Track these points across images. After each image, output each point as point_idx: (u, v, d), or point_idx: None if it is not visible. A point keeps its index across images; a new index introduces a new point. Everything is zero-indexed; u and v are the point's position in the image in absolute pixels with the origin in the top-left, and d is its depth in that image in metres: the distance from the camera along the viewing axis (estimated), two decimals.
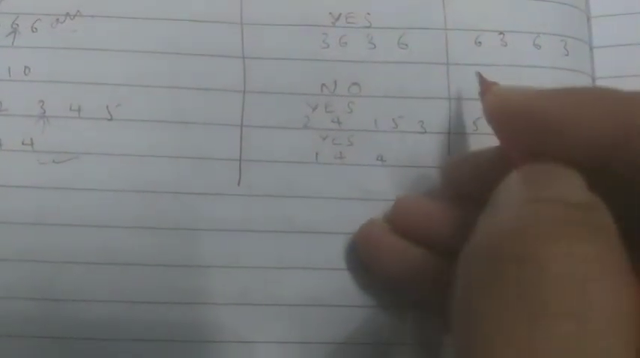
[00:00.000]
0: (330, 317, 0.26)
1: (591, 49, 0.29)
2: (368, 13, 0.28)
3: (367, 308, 0.26)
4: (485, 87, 0.24)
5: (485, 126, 0.27)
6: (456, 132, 0.27)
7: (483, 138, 0.27)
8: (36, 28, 0.27)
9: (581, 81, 0.28)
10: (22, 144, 0.26)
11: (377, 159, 0.27)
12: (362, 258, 0.26)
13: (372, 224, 0.26)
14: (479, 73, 0.25)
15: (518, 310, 0.16)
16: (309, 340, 0.26)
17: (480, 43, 0.28)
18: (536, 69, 0.28)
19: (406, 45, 0.28)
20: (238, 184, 0.27)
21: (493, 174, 0.21)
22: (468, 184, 0.24)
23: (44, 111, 0.27)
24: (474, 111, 0.27)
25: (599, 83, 0.29)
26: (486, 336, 0.17)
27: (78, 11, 0.27)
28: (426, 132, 0.27)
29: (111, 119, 0.27)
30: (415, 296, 0.26)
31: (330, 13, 0.28)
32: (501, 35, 0.28)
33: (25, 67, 0.27)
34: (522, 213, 0.18)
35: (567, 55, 0.28)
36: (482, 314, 0.17)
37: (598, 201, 0.18)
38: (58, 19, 0.27)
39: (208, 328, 0.26)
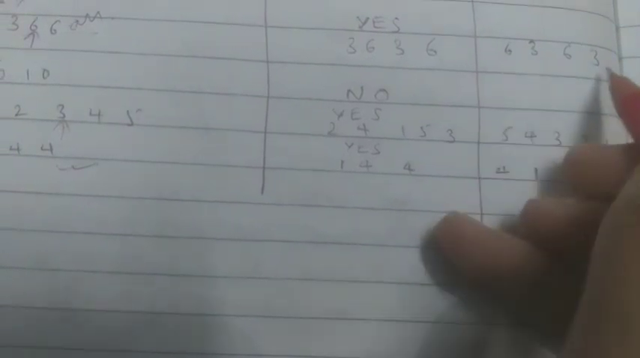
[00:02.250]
0: (355, 331, 0.25)
1: (620, 59, 0.29)
2: (396, 18, 0.27)
3: (392, 322, 0.26)
4: (615, 81, 0.26)
5: (515, 137, 0.27)
6: (485, 141, 0.27)
7: (514, 149, 0.27)
8: (55, 30, 0.27)
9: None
10: (41, 149, 0.26)
11: (404, 168, 0.26)
12: (448, 245, 0.25)
13: (458, 215, 0.26)
14: (608, 68, 0.27)
15: None
16: (332, 354, 0.25)
17: (510, 51, 0.27)
18: (566, 78, 0.27)
19: (435, 51, 0.27)
20: (262, 192, 0.26)
21: (621, 173, 0.21)
22: (595, 185, 0.24)
23: (63, 116, 0.26)
24: (504, 121, 0.27)
25: None
26: (627, 280, 0.18)
27: (98, 13, 0.27)
28: (454, 141, 0.27)
29: (131, 124, 0.26)
30: (504, 292, 0.25)
31: (357, 17, 0.27)
32: (532, 44, 0.28)
33: (44, 70, 0.26)
34: None
35: (597, 65, 0.28)
36: (627, 261, 0.18)
37: None
38: (77, 21, 0.27)
39: (229, 340, 0.25)
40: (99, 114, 0.26)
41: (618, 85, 0.26)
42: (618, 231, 0.19)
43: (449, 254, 0.26)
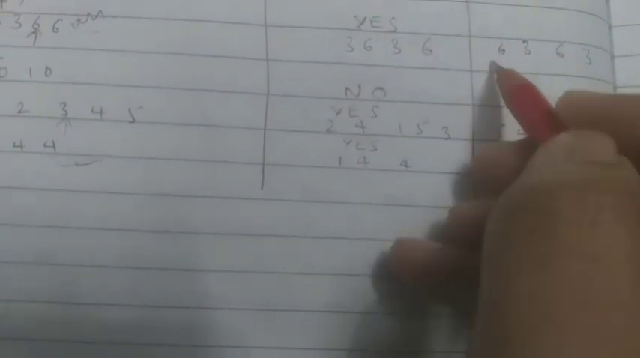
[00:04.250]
0: (352, 324, 0.26)
1: (612, 58, 0.29)
2: (393, 18, 0.28)
3: (392, 315, 0.26)
4: (501, 74, 0.26)
5: (509, 134, 0.27)
6: (479, 138, 0.27)
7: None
8: (57, 29, 0.27)
9: (604, 90, 0.28)
10: (44, 146, 0.26)
11: (401, 165, 0.27)
12: (396, 270, 0.26)
13: (403, 240, 0.26)
14: (493, 61, 0.27)
15: (533, 254, 0.18)
16: (331, 347, 0.26)
17: (503, 50, 0.28)
18: (559, 77, 0.28)
19: (431, 51, 0.28)
20: (261, 188, 0.26)
21: (517, 170, 0.21)
22: (497, 183, 0.24)
23: (66, 113, 0.26)
24: (498, 118, 0.27)
25: (620, 92, 0.29)
26: (505, 279, 0.18)
27: (100, 11, 0.27)
28: (450, 138, 0.27)
29: (133, 121, 0.26)
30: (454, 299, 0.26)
31: (356, 17, 0.28)
32: (525, 43, 0.28)
33: (47, 68, 0.26)
34: (545, 173, 0.20)
35: (590, 63, 0.28)
36: (503, 261, 0.18)
37: (624, 160, 0.20)
38: (79, 19, 0.27)
39: (230, 334, 0.26)
40: (101, 112, 0.26)
41: (505, 77, 0.26)
42: (498, 238, 0.19)
43: (398, 273, 0.26)
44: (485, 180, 0.25)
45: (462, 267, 0.24)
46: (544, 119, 0.23)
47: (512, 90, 0.25)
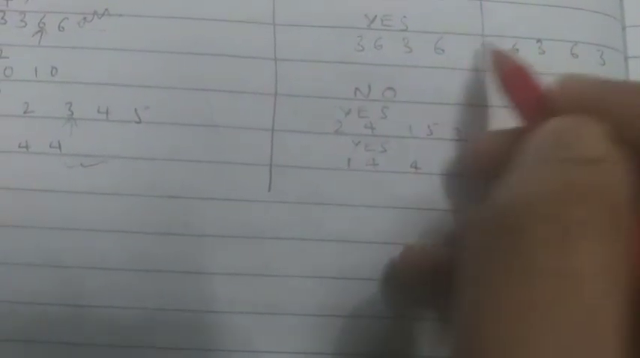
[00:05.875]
0: (359, 328, 0.26)
1: (626, 59, 0.29)
2: (404, 16, 0.27)
3: (397, 319, 0.26)
4: (496, 56, 0.25)
5: None
6: None
7: None
8: (63, 27, 0.27)
9: None
10: (50, 147, 0.26)
11: (411, 167, 0.26)
12: (403, 277, 0.25)
13: (411, 247, 0.25)
14: (489, 42, 0.27)
15: (507, 274, 0.17)
16: (337, 351, 0.25)
17: (517, 49, 0.27)
18: None
19: (443, 50, 0.27)
20: (269, 190, 0.26)
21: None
22: (490, 173, 0.23)
23: (72, 114, 0.26)
24: (511, 120, 0.27)
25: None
26: (480, 298, 0.18)
27: (106, 10, 0.27)
28: (461, 139, 0.27)
29: (139, 122, 0.26)
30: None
31: (366, 15, 0.27)
32: (539, 43, 0.27)
33: (52, 68, 0.26)
34: (518, 185, 0.19)
35: (604, 64, 0.28)
36: (477, 280, 0.18)
37: (613, 154, 0.19)
38: (85, 18, 0.27)
39: (236, 337, 0.25)
40: (107, 112, 0.26)
41: (498, 61, 0.25)
42: (472, 255, 0.19)
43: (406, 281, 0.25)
44: (479, 170, 0.25)
45: None
46: (535, 104, 0.22)
47: (506, 73, 0.24)
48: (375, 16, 0.27)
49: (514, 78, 0.24)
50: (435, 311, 0.26)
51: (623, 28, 0.29)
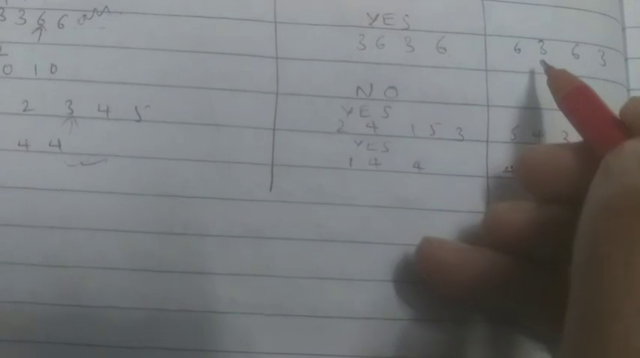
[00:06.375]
0: (364, 329, 0.25)
1: (625, 60, 0.29)
2: (406, 15, 0.27)
3: (401, 320, 0.26)
4: (554, 75, 0.25)
5: (523, 135, 0.27)
6: (494, 140, 0.27)
7: (521, 148, 0.27)
8: (62, 25, 0.26)
9: (617, 92, 0.28)
10: (50, 145, 0.26)
11: (413, 167, 0.26)
12: (423, 271, 0.25)
13: (430, 239, 0.25)
14: (543, 60, 0.26)
15: None
16: (340, 353, 0.25)
17: (519, 49, 0.27)
18: None
19: (445, 49, 0.27)
20: (270, 190, 0.26)
21: (576, 173, 0.22)
22: (547, 186, 0.24)
23: (72, 112, 0.26)
24: (513, 119, 0.27)
25: (634, 94, 0.28)
26: (615, 279, 0.17)
27: (106, 7, 0.27)
28: (464, 139, 0.27)
29: (140, 120, 0.26)
30: (486, 306, 0.25)
31: (368, 14, 0.27)
32: (541, 43, 0.27)
33: (52, 65, 0.26)
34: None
35: (604, 65, 0.28)
36: (612, 269, 0.18)
37: None
38: (85, 15, 0.26)
39: (238, 338, 0.25)
40: (107, 110, 0.26)
41: (558, 79, 0.25)
42: (603, 241, 0.19)
43: (428, 281, 0.25)
44: (531, 183, 0.24)
45: (497, 271, 0.24)
46: (608, 125, 0.23)
47: (571, 93, 0.24)
48: (377, 14, 0.27)
49: (579, 98, 0.24)
50: (449, 310, 0.26)
51: (623, 29, 0.29)
